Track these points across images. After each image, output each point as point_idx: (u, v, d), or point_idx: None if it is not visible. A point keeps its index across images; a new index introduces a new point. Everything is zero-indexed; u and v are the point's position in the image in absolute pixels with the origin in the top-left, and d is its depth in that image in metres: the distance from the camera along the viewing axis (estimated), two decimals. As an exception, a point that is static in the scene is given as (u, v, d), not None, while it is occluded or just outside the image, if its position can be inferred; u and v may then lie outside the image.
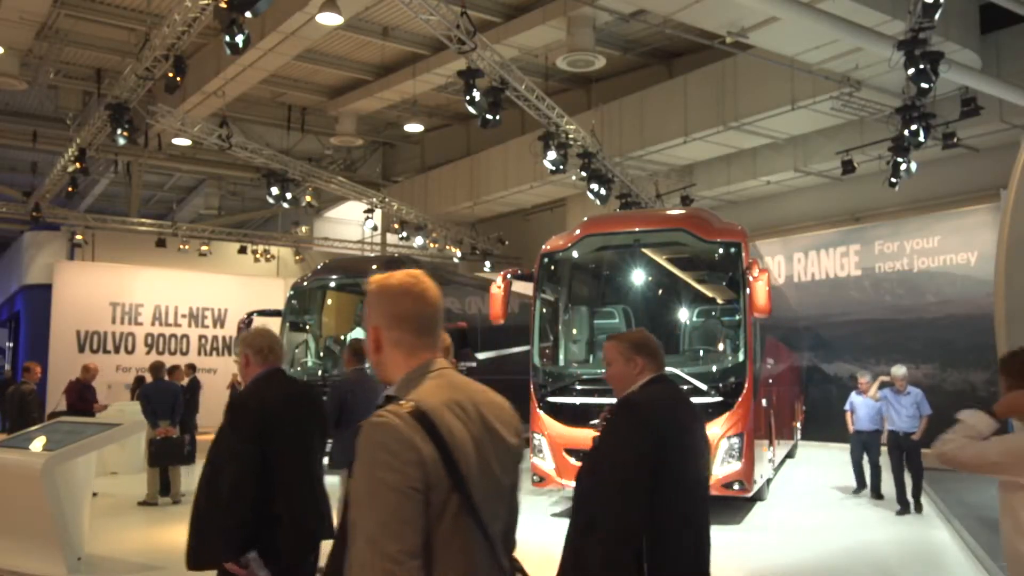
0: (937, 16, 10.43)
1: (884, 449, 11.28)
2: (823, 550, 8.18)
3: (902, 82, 12.95)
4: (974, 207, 16.87)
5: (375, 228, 24.43)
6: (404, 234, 23.98)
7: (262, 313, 15.67)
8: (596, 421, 9.52)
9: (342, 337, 14.97)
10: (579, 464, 9.52)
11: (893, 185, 15.52)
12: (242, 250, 26.18)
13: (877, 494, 11.58)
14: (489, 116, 14.02)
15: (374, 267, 16.12)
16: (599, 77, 20.84)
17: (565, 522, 10.13)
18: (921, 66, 11.32)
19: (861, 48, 13.10)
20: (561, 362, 10.74)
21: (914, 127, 13.52)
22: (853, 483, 12.20)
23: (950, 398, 16.95)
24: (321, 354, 15.27)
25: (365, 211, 23.87)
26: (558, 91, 21.00)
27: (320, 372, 14.57)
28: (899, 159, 14.80)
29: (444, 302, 2.21)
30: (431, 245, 25.08)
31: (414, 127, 25.15)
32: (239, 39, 10.84)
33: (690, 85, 18.25)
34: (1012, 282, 5.62)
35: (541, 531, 9.20)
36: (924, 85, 11.69)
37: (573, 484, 10.25)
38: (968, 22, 14.34)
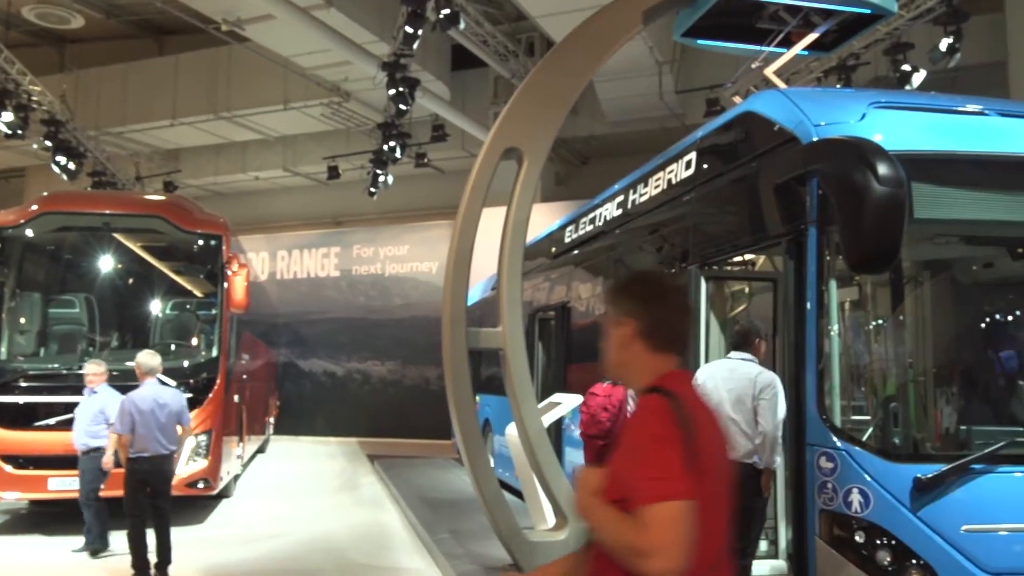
0: (415, 46, 11.51)
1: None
2: (283, 541, 8.39)
3: (385, 100, 14.03)
4: (438, 222, 19.00)
5: None
6: None
7: None
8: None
9: None
10: (19, 473, 8.39)
11: (372, 195, 16.71)
12: None
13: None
14: (-77, 57, 11.60)
15: None
16: (76, 38, 18.71)
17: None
18: (400, 89, 12.40)
19: (351, 62, 13.88)
20: (3, 355, 9.32)
21: (392, 144, 14.74)
22: (326, 475, 12.56)
23: (409, 392, 18.85)
24: None
25: None
26: (23, 44, 18.22)
27: None
28: (378, 171, 15.99)
29: None
30: None
31: None
32: None
33: (182, 67, 17.41)
34: (456, 290, 6.39)
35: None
36: (402, 107, 12.84)
37: (9, 496, 8.95)
38: (442, 58, 16.13)
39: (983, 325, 4.99)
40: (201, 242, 9.80)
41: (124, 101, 17.67)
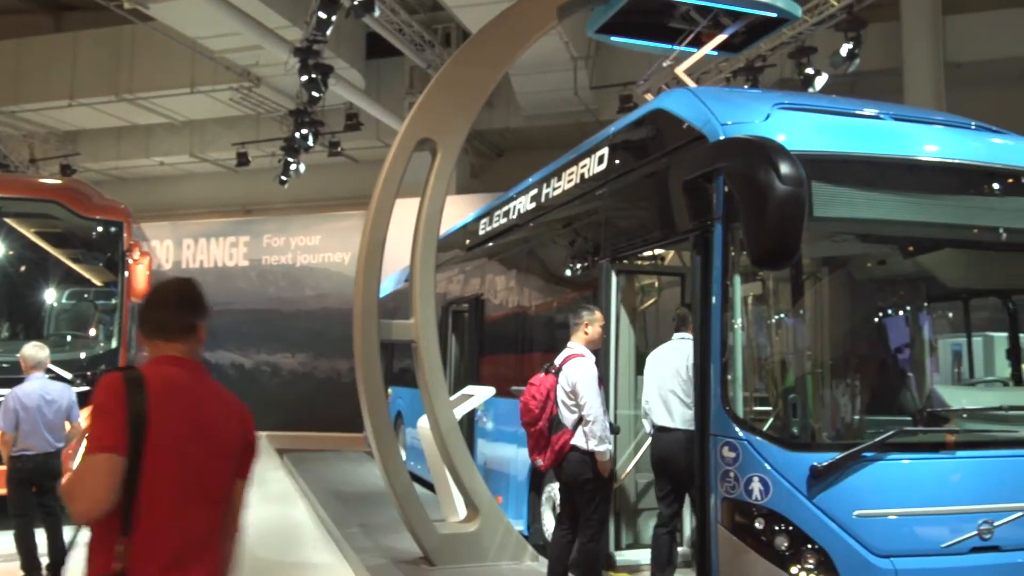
0: (329, 32, 11.30)
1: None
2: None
3: (297, 87, 13.74)
4: (351, 212, 18.69)
5: None
6: None
7: None
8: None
9: None
10: None
11: (283, 183, 16.36)
12: None
13: None
14: None
15: None
16: (-35, 11, 17.67)
17: None
18: (313, 75, 12.17)
19: (262, 46, 13.53)
20: None
21: (304, 131, 14.46)
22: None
23: (320, 384, 18.53)
24: None
25: None
26: (-95, 15, 17.20)
27: None
28: (290, 159, 15.67)
29: None
30: None
31: None
32: None
33: (81, 45, 16.65)
34: (368, 282, 6.30)
35: None
36: (315, 94, 12.60)
37: None
38: (356, 45, 15.88)
39: (877, 320, 5.22)
40: (100, 228, 9.43)
41: (17, 78, 16.79)
